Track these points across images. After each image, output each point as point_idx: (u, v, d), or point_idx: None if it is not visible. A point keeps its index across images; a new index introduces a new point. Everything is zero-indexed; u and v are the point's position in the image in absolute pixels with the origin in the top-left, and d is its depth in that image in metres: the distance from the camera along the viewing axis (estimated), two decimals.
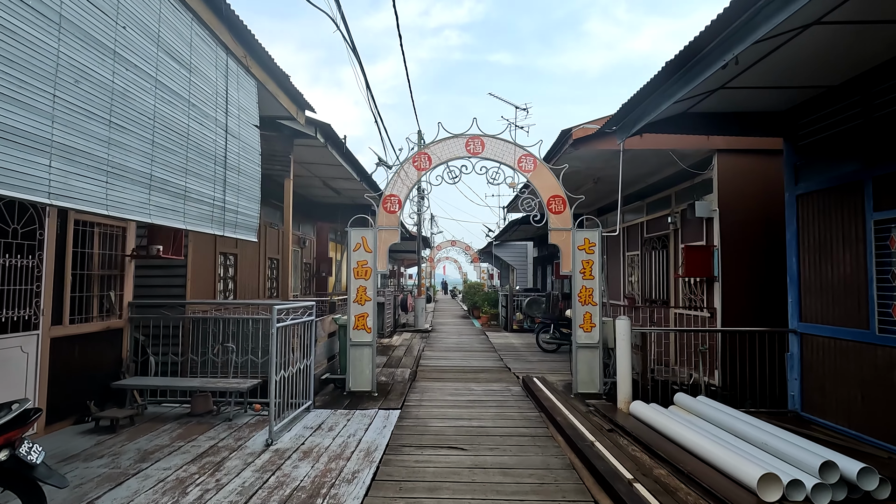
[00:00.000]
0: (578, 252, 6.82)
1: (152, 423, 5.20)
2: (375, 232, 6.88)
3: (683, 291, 8.37)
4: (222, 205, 4.16)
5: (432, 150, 6.96)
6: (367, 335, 6.78)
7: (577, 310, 6.77)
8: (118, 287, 5.82)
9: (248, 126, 4.69)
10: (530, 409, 6.05)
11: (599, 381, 6.69)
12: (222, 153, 4.19)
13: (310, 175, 10.68)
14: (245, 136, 4.61)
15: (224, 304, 7.16)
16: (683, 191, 8.49)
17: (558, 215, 6.87)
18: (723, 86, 5.18)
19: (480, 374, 8.36)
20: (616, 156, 8.23)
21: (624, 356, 5.88)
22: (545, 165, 6.91)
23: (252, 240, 4.79)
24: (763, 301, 7.16)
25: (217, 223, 4.10)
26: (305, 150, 8.54)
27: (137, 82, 3.12)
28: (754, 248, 7.31)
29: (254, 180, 4.78)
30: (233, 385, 5.44)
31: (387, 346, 11.94)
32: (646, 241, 10.11)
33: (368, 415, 5.68)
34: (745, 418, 4.94)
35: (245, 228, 4.60)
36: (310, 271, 14.74)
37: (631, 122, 6.02)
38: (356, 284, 6.83)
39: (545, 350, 11.09)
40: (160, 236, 5.78)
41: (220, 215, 4.14)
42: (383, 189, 6.98)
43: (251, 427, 5.14)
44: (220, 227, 4.12)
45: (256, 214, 4.84)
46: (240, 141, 4.49)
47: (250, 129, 4.72)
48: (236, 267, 9.67)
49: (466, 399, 6.48)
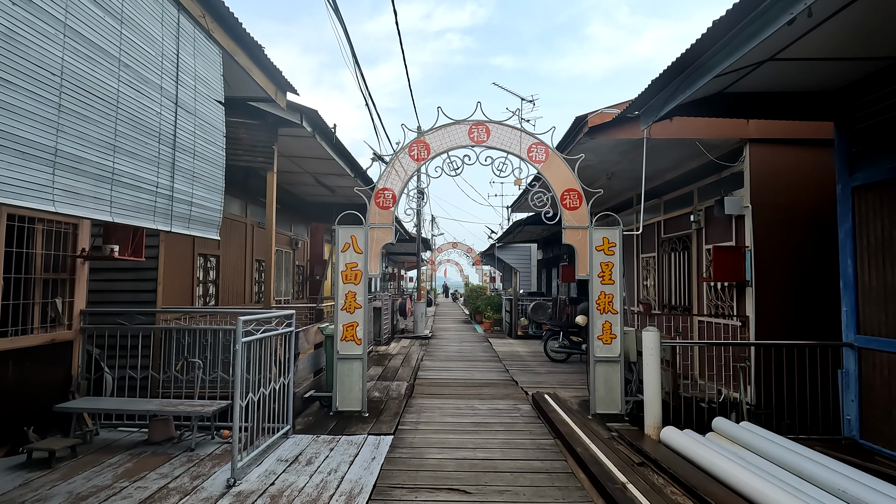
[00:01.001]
0: (596, 253, 6.02)
1: (98, 455, 4.40)
2: (367, 230, 6.09)
3: (709, 297, 7.57)
4: (169, 193, 3.38)
5: (431, 139, 6.17)
6: (357, 347, 5.98)
7: (595, 318, 5.97)
8: (67, 293, 5.03)
9: (209, 102, 3.91)
10: (543, 434, 5.24)
11: (621, 401, 5.88)
12: (170, 130, 3.41)
13: (300, 171, 9.91)
14: (204, 112, 3.83)
15: (190, 312, 6.37)
16: (707, 186, 7.70)
17: (573, 211, 6.07)
18: (772, 56, 4.39)
19: (484, 388, 7.55)
20: (635, 148, 7.46)
21: (652, 374, 5.08)
22: (558, 155, 6.11)
23: (212, 237, 4.00)
24: (803, 309, 6.36)
25: (162, 216, 3.31)
26: (292, 142, 7.78)
27: (33, 22, 2.34)
28: (792, 248, 6.51)
29: (215, 166, 3.99)
30: (196, 408, 4.64)
31: (383, 354, 11.13)
32: (663, 241, 9.31)
33: (356, 442, 4.88)
34: (802, 451, 4.13)
35: (202, 223, 3.81)
36: (303, 274, 13.96)
37: (658, 105, 5.23)
38: (344, 289, 6.04)
39: (553, 360, 10.28)
40: (116, 234, 4.99)
41: (167, 206, 3.36)
42: (375, 182, 6.19)
43: (215, 459, 4.34)
44: (165, 221, 3.34)
45: (219, 207, 4.05)
46: (196, 118, 3.71)
47: (211, 105, 3.94)
48: (218, 270, 8.89)
49: (469, 421, 5.67)
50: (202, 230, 3.82)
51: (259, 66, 4.87)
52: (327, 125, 7.24)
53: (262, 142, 6.88)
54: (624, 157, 8.05)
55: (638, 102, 5.43)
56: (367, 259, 6.06)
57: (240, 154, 6.91)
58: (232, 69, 4.55)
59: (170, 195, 3.39)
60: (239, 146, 6.88)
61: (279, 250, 11.97)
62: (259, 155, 6.92)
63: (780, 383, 5.56)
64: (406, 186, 6.24)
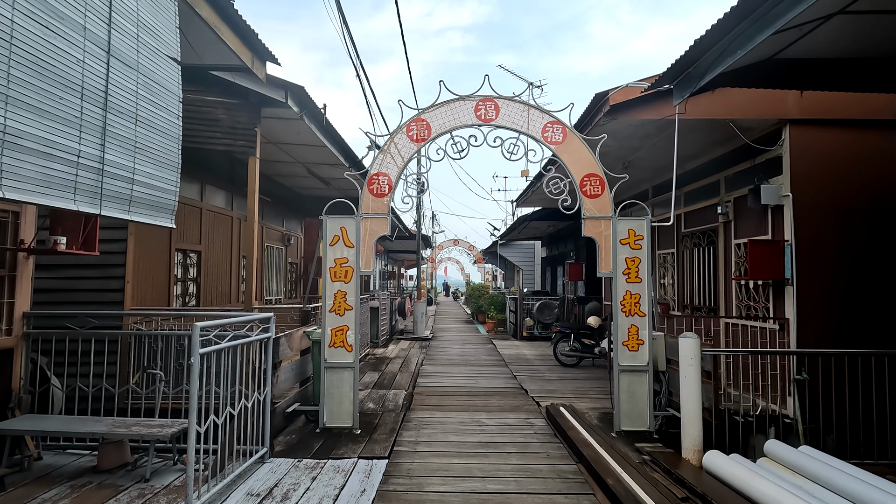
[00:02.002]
0: (621, 247, 5.27)
1: (32, 488, 3.66)
2: (358, 221, 5.34)
3: (739, 297, 6.82)
4: (97, 166, 2.64)
5: (432, 117, 5.41)
6: (348, 354, 5.24)
7: (620, 321, 5.22)
8: (6, 293, 4.29)
9: (158, 57, 3.16)
10: (563, 457, 4.50)
11: (649, 416, 5.14)
12: (99, 86, 2.67)
13: (291, 160, 9.16)
14: (152, 69, 3.09)
15: (153, 314, 5.62)
16: (737, 175, 6.95)
17: (594, 200, 5.32)
18: (843, 9, 3.64)
19: (491, 398, 6.80)
20: (659, 130, 6.71)
21: (692, 388, 4.33)
22: (577, 136, 5.36)
23: (164, 224, 3.26)
24: (851, 312, 5.62)
25: (86, 195, 2.58)
26: (279, 126, 7.03)
27: None
28: (839, 243, 5.77)
29: (168, 138, 3.24)
30: (153, 430, 3.90)
31: (380, 358, 10.39)
32: (683, 236, 8.57)
33: (343, 469, 4.14)
34: (880, 484, 3.39)
35: (148, 207, 3.07)
36: (296, 272, 13.22)
37: (699, 72, 4.46)
38: (333, 288, 5.29)
39: (564, 364, 9.53)
40: (62, 224, 4.24)
41: (94, 182, 2.62)
42: (368, 167, 5.44)
43: (173, 493, 3.60)
44: (91, 201, 2.60)
45: (173, 188, 3.30)
46: (140, 75, 2.97)
47: (162, 62, 3.19)
48: (200, 267, 8.15)
49: (476, 441, 4.93)
50: (149, 215, 3.08)
51: (230, 25, 4.12)
52: (316, 105, 6.50)
53: (242, 123, 6.13)
54: (645, 143, 7.30)
55: (672, 71, 4.66)
56: (360, 254, 5.31)
57: (218, 137, 6.17)
58: (195, 25, 3.81)
59: (98, 168, 2.65)
60: (217, 128, 6.14)
61: (270, 246, 11.23)
62: (240, 138, 6.18)
63: (828, 396, 4.85)
64: (404, 172, 5.49)
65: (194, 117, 5.96)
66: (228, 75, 5.40)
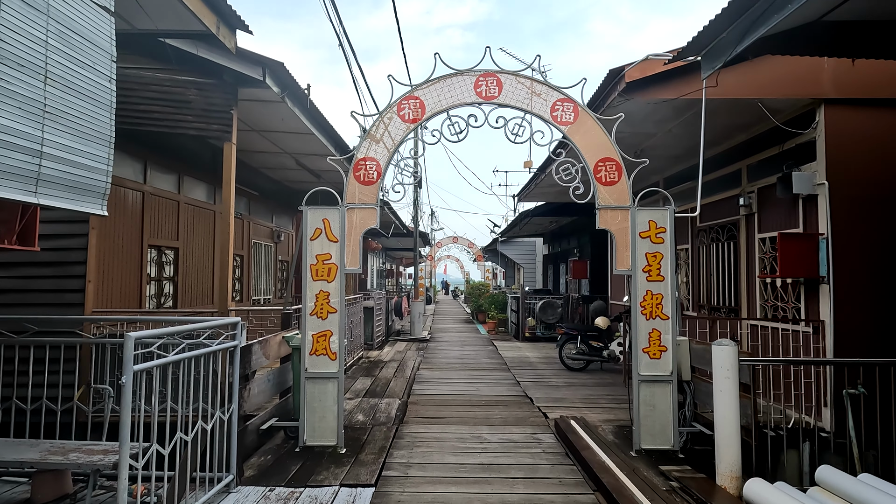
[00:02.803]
0: (641, 241, 4.65)
1: None
2: (343, 212, 4.72)
3: (764, 296, 6.21)
4: None
5: (427, 94, 4.79)
6: (332, 363, 4.62)
7: (640, 325, 4.60)
8: None
9: (80, 3, 2.53)
10: (577, 483, 3.89)
11: (673, 433, 4.52)
12: None
13: (278, 151, 8.53)
14: (69, 15, 2.46)
15: (109, 320, 5.00)
16: (761, 163, 6.34)
17: (610, 187, 4.70)
18: None
19: (493, 408, 6.19)
20: (678, 114, 6.08)
21: (729, 404, 3.72)
22: (591, 115, 4.74)
23: (92, 211, 2.64)
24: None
25: None
26: (259, 110, 6.40)
27: None
28: (882, 237, 5.18)
29: (96, 104, 2.62)
30: (94, 458, 3.28)
31: (374, 361, 9.78)
32: (699, 231, 7.96)
33: (322, 500, 3.53)
34: None
35: (65, 189, 2.45)
36: (287, 271, 12.60)
37: (733, 38, 3.84)
38: (314, 288, 4.67)
39: (570, 368, 8.92)
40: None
41: None
42: (354, 150, 4.82)
43: None
44: None
45: (103, 167, 2.67)
46: (51, 19, 2.35)
47: (85, 9, 2.56)
48: (177, 265, 7.53)
49: (477, 463, 4.31)
50: (68, 199, 2.46)
51: None
52: (299, 85, 5.87)
53: (217, 105, 5.50)
54: (660, 128, 6.68)
55: (701, 39, 4.03)
56: (345, 249, 4.69)
57: (190, 120, 5.55)
58: None
59: None
60: (189, 110, 5.51)
61: (258, 243, 10.62)
62: (214, 121, 5.54)
63: (871, 407, 4.28)
64: (395, 156, 4.87)
65: (163, 98, 5.38)
66: (191, 46, 4.77)
